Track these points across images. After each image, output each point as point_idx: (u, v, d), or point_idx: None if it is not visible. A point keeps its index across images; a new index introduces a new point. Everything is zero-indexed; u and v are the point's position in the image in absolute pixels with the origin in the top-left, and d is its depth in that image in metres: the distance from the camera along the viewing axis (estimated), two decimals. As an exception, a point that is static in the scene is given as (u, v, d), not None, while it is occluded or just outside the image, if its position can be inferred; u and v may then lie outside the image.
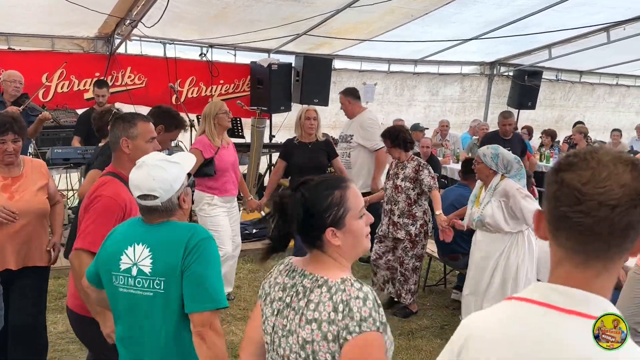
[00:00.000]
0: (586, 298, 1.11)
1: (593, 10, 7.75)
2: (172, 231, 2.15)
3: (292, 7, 6.93)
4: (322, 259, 1.71)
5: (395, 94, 10.50)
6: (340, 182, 1.73)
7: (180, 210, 2.21)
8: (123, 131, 2.73)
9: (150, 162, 2.16)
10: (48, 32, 7.35)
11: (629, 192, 1.07)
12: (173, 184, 2.15)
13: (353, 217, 1.70)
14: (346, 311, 1.57)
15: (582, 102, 12.52)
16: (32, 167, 3.45)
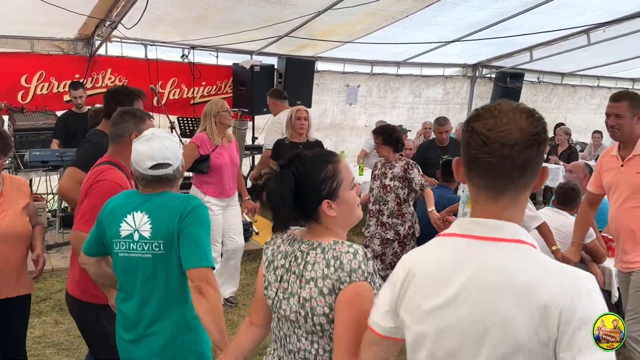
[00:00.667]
0: (499, 225, 1.31)
1: (573, 12, 7.83)
2: (168, 200, 2.35)
3: (274, 9, 6.93)
4: (319, 230, 1.83)
5: (378, 96, 10.53)
6: (332, 156, 1.86)
7: (179, 178, 2.45)
8: (135, 126, 2.83)
9: (160, 134, 2.38)
10: (27, 33, 7.26)
11: (524, 134, 1.28)
12: (179, 154, 2.40)
13: (346, 188, 1.82)
14: (337, 264, 1.71)
15: (563, 103, 12.63)
16: (12, 185, 3.21)
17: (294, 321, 1.80)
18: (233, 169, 5.00)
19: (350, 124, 10.32)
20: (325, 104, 9.97)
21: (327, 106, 10.04)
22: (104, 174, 2.76)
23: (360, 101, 10.32)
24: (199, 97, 8.73)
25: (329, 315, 1.73)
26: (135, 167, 2.35)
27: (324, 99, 9.90)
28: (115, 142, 2.88)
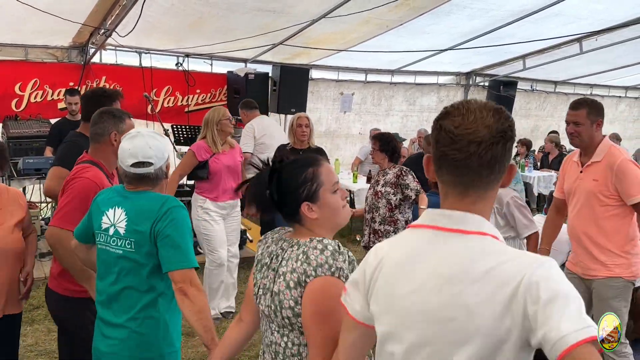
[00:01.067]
0: (464, 217, 1.34)
1: (565, 21, 7.88)
2: (147, 199, 2.37)
3: (268, 17, 6.95)
4: (302, 231, 1.87)
5: (372, 104, 10.57)
6: (314, 160, 1.88)
7: (164, 179, 2.45)
8: (114, 125, 2.86)
9: (145, 132, 2.41)
10: (21, 41, 7.26)
11: (491, 132, 1.30)
12: (164, 153, 2.41)
13: (327, 191, 1.84)
14: (303, 258, 1.74)
15: (557, 111, 12.70)
16: (7, 197, 3.08)
17: (268, 315, 1.85)
18: (233, 173, 4.94)
19: (345, 132, 10.35)
20: (319, 111, 9.99)
21: (322, 114, 10.06)
22: (81, 172, 2.79)
23: (355, 109, 10.35)
24: (194, 105, 8.74)
25: (294, 309, 1.75)
26: (119, 163, 2.40)
27: (318, 107, 9.93)
28: (95, 142, 2.91)
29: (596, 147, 3.51)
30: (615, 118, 13.66)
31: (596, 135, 3.50)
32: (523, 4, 7.13)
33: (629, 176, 3.38)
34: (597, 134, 3.51)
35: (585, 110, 3.48)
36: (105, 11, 6.44)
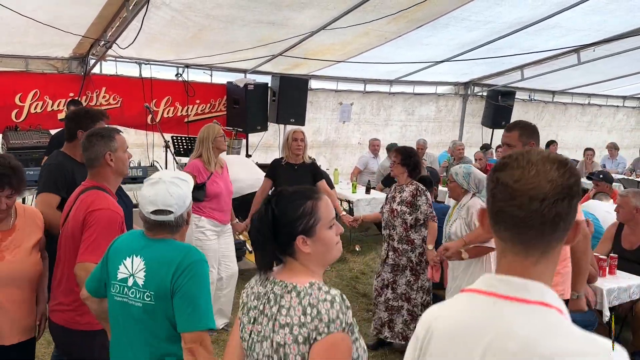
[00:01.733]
0: (525, 285, 1.22)
1: (563, 32, 7.94)
2: (168, 249, 2.24)
3: (268, 29, 6.99)
4: (293, 266, 1.81)
5: (371, 114, 10.61)
6: (313, 193, 1.85)
7: (185, 226, 2.35)
8: (105, 146, 2.82)
9: (167, 178, 2.30)
10: (22, 52, 7.29)
11: (555, 187, 1.19)
12: (185, 201, 2.31)
13: (323, 227, 1.81)
14: (314, 313, 1.67)
15: (555, 121, 12.75)
16: (25, 217, 2.90)
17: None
18: (228, 196, 5.01)
19: (344, 142, 10.38)
20: (318, 121, 10.04)
21: (321, 124, 10.10)
22: (98, 202, 2.71)
23: (354, 119, 10.39)
24: (193, 115, 8.77)
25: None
26: (140, 209, 2.32)
27: (317, 117, 9.97)
28: (92, 167, 2.86)
29: None
30: (613, 127, 13.71)
31: None
32: (520, 16, 7.18)
33: None
34: None
35: (517, 132, 3.56)
36: (106, 23, 6.48)
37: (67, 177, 3.30)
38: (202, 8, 6.19)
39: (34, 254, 2.86)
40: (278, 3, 6.15)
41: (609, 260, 4.56)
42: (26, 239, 2.84)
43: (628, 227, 4.86)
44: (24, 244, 2.82)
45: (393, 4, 6.33)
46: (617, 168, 11.11)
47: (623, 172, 10.93)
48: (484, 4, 6.68)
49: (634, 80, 11.12)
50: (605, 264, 4.50)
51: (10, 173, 2.68)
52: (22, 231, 2.85)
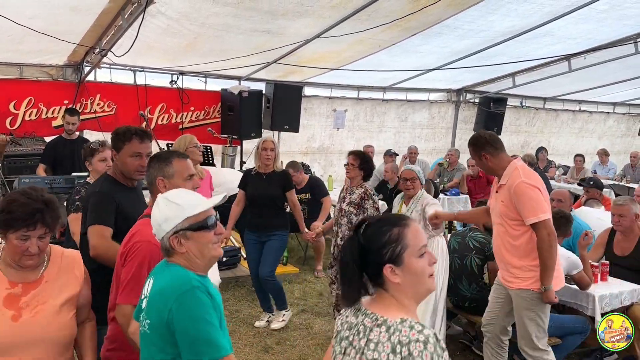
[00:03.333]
0: None
1: (554, 40, 8.03)
2: (168, 277, 2.05)
3: (263, 37, 7.04)
4: (384, 298, 1.74)
5: (365, 120, 10.67)
6: (400, 220, 1.76)
7: (178, 253, 2.07)
8: (158, 170, 2.62)
9: (161, 196, 2.14)
10: (16, 59, 7.30)
11: None
12: (162, 225, 2.06)
13: (412, 255, 1.71)
14: (405, 354, 1.58)
15: (546, 127, 12.86)
16: (60, 265, 2.40)
17: None
18: None
19: (338, 148, 10.42)
20: (313, 128, 10.08)
21: (315, 130, 10.15)
22: (142, 232, 2.47)
23: (348, 125, 10.45)
24: (188, 122, 8.79)
25: None
26: None
27: (311, 124, 10.02)
28: (151, 193, 2.69)
29: (502, 171, 3.76)
30: (603, 133, 13.84)
31: (494, 164, 3.77)
32: (512, 24, 7.27)
33: (523, 198, 3.59)
34: (495, 161, 3.77)
35: (471, 149, 3.87)
36: (101, 31, 6.50)
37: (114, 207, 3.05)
38: (197, 17, 6.23)
39: (63, 313, 2.34)
40: (273, 12, 6.20)
41: (600, 267, 4.62)
42: (56, 294, 2.34)
43: (620, 233, 4.91)
44: (50, 301, 2.31)
45: (387, 13, 6.40)
46: (607, 174, 11.21)
47: (613, 178, 11.04)
48: (476, 13, 6.76)
49: (624, 87, 11.25)
50: (597, 271, 4.55)
51: (43, 208, 2.24)
52: (52, 284, 2.35)
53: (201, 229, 2.07)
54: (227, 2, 5.86)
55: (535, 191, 3.60)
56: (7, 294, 2.25)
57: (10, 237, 2.22)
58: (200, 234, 2.07)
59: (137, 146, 3.07)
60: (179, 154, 2.71)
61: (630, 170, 11.02)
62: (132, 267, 2.41)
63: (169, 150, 2.82)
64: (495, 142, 3.78)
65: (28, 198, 2.24)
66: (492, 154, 3.76)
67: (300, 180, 7.11)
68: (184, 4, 5.89)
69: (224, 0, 5.82)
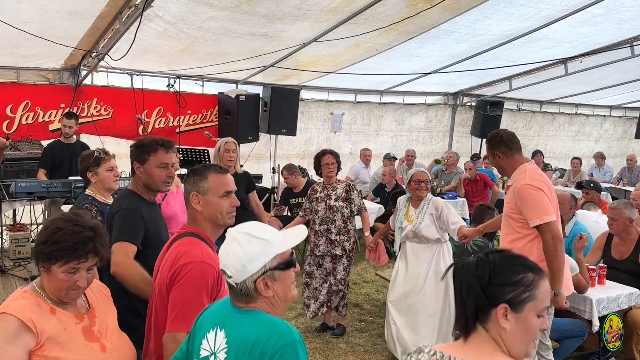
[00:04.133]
0: None
1: (551, 44, 8.05)
2: (252, 325, 1.77)
3: (260, 41, 7.04)
4: (482, 340, 1.57)
5: (362, 124, 10.68)
6: (537, 268, 1.60)
7: (262, 297, 1.80)
8: (193, 185, 2.43)
9: (232, 232, 1.84)
10: (13, 63, 7.29)
11: None
12: (248, 265, 1.77)
13: (534, 309, 1.55)
14: None
15: (543, 131, 12.89)
16: (92, 290, 2.25)
17: None
18: (184, 216, 4.64)
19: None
20: (310, 131, 10.09)
21: (312, 134, 10.16)
22: (190, 253, 2.27)
23: (345, 129, 10.46)
24: (185, 126, 8.79)
25: None
26: None
27: (309, 127, 10.03)
28: (187, 207, 2.51)
29: (513, 171, 3.83)
30: (600, 137, 13.88)
31: (506, 163, 3.84)
32: (509, 28, 7.29)
33: (526, 200, 3.61)
34: (507, 161, 3.83)
35: (487, 146, 3.95)
36: (98, 35, 6.49)
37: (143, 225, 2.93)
38: (194, 20, 6.23)
39: (122, 333, 2.26)
40: (270, 16, 6.20)
41: (598, 271, 4.62)
42: (108, 317, 2.24)
43: (618, 237, 4.92)
44: (110, 325, 2.21)
45: (384, 17, 6.41)
46: (604, 177, 11.23)
47: (610, 181, 11.07)
48: (473, 17, 6.77)
49: (620, 90, 11.28)
50: (594, 274, 4.56)
51: (93, 236, 2.04)
52: (99, 308, 2.23)
53: (288, 267, 1.83)
54: (224, 6, 5.86)
55: (539, 193, 3.59)
56: (81, 328, 2.08)
57: (56, 270, 1.99)
58: (286, 273, 1.83)
59: (163, 156, 2.99)
60: (216, 168, 2.49)
61: (627, 173, 11.05)
62: (186, 289, 2.20)
63: (206, 164, 2.60)
64: (510, 143, 3.82)
65: (75, 225, 2.02)
66: (505, 154, 3.82)
67: (297, 184, 7.10)
68: (181, 8, 5.89)
69: (221, 4, 5.82)
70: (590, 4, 6.58)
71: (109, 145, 7.81)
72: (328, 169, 5.34)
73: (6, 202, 6.24)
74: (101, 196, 3.63)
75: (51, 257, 1.98)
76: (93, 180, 3.66)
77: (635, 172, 10.92)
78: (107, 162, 3.72)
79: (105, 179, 3.67)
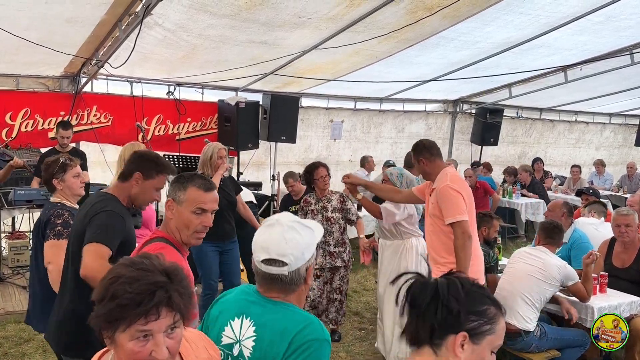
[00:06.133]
0: None
1: (550, 52, 8.06)
2: (285, 317, 1.80)
3: (259, 49, 7.04)
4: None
5: (362, 131, 10.67)
6: (499, 305, 1.58)
7: (304, 285, 1.87)
8: (172, 191, 2.42)
9: (285, 221, 1.87)
10: (12, 71, 7.29)
11: None
12: (305, 252, 1.83)
13: (489, 344, 1.53)
14: None
15: (543, 138, 12.89)
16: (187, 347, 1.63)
17: None
18: (153, 224, 4.66)
19: (335, 159, 10.41)
20: (310, 139, 10.08)
21: (312, 141, 10.15)
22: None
23: (345, 136, 10.45)
24: (184, 133, 8.78)
25: None
26: (253, 258, 1.90)
27: (308, 134, 10.02)
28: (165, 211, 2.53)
29: (436, 175, 4.12)
30: (600, 144, 13.87)
31: (429, 168, 4.15)
32: (508, 36, 7.29)
33: (445, 200, 3.95)
34: (431, 166, 4.14)
35: (412, 153, 4.26)
36: (98, 43, 6.49)
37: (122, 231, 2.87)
38: (194, 28, 6.23)
39: None
40: (270, 23, 6.20)
41: (599, 279, 4.60)
42: None
43: (620, 245, 4.89)
44: None
45: (384, 25, 6.41)
46: (604, 184, 11.22)
47: (610, 188, 11.05)
48: (473, 25, 6.78)
49: (620, 98, 11.29)
50: (596, 283, 4.53)
51: (166, 282, 1.42)
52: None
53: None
54: (224, 13, 5.86)
55: (457, 195, 3.94)
56: None
57: (121, 338, 1.39)
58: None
59: (162, 182, 3.00)
60: (200, 184, 2.40)
61: (627, 180, 11.04)
62: None
63: (195, 175, 2.52)
64: (431, 149, 4.18)
65: (139, 269, 1.43)
66: (428, 159, 4.14)
67: (298, 191, 7.10)
68: (181, 16, 5.89)
69: (221, 12, 5.82)
70: (590, 11, 6.59)
71: (109, 152, 7.81)
72: (324, 182, 5.33)
73: (5, 209, 6.21)
74: (69, 202, 3.52)
75: (112, 319, 1.38)
76: (59, 187, 3.54)
77: (635, 180, 10.91)
78: (73, 168, 3.60)
79: (72, 185, 3.57)
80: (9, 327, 5.31)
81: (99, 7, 5.50)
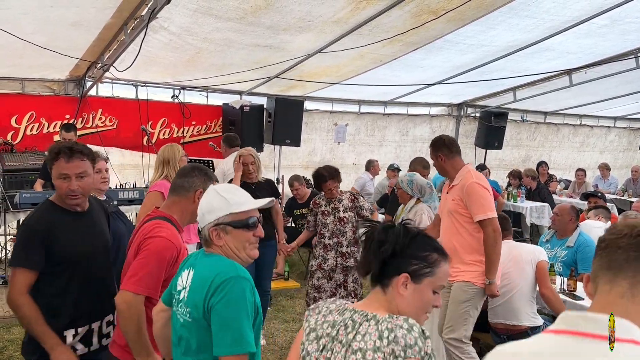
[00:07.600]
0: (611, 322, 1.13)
1: (555, 55, 8.05)
2: (209, 265, 2.10)
3: (264, 52, 7.05)
4: (378, 299, 1.79)
5: (366, 134, 10.67)
6: (444, 253, 1.83)
7: (214, 245, 2.14)
8: (203, 183, 2.66)
9: (211, 188, 2.24)
10: (18, 74, 7.32)
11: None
12: (206, 215, 2.14)
13: (430, 284, 1.77)
14: (391, 337, 1.64)
15: (547, 142, 12.86)
16: None
17: None
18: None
19: (339, 162, 10.39)
20: (314, 142, 10.09)
21: (316, 145, 10.15)
22: (156, 230, 2.53)
23: (349, 140, 10.45)
24: (189, 137, 8.80)
25: None
26: None
27: (312, 138, 10.02)
28: (177, 194, 2.69)
29: (454, 172, 4.11)
30: (605, 148, 13.84)
31: (448, 165, 4.14)
32: (513, 39, 7.28)
33: (474, 196, 3.91)
34: (449, 163, 4.13)
35: (430, 149, 4.25)
36: (103, 46, 6.51)
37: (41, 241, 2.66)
38: (199, 32, 6.24)
39: None
40: (275, 27, 6.21)
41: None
42: None
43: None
44: None
45: (388, 28, 6.41)
46: (609, 188, 11.19)
47: (615, 192, 11.02)
48: (478, 28, 6.77)
49: (625, 101, 11.27)
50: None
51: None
52: None
53: (241, 227, 2.14)
54: (229, 17, 5.88)
55: (485, 192, 3.94)
56: None
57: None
58: (239, 232, 2.14)
59: (63, 166, 2.66)
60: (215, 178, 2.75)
61: (631, 184, 11.01)
62: (146, 257, 2.46)
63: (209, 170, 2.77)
64: (451, 146, 4.14)
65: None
66: (447, 156, 4.12)
67: (303, 194, 7.11)
68: (186, 19, 5.90)
69: (226, 16, 5.84)
70: (595, 15, 6.58)
71: (114, 156, 7.83)
72: (331, 194, 5.27)
73: (10, 213, 6.23)
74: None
75: None
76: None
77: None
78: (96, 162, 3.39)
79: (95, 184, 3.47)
80: (13, 329, 5.32)
81: (104, 11, 5.52)
